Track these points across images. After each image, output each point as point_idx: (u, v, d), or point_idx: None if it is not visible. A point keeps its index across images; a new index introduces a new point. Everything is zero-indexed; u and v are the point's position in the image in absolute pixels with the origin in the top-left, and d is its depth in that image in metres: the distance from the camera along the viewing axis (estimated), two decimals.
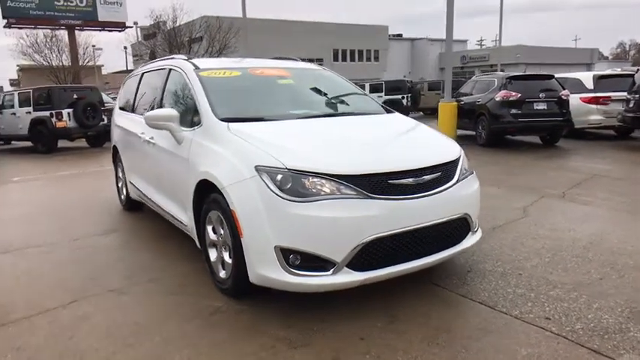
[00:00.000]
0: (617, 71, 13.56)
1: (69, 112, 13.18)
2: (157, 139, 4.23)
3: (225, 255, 3.24)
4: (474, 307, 3.09)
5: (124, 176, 5.72)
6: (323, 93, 4.53)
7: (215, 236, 3.35)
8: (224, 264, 3.28)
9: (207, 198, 3.29)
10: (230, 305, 3.18)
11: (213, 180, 3.15)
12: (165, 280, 3.68)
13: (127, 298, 3.41)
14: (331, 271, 2.78)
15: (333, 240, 2.75)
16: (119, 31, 37.79)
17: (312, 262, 2.78)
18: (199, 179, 3.34)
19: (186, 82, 4.01)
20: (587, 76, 11.89)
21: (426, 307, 3.08)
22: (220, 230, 3.24)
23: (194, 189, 3.44)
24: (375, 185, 2.85)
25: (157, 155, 4.28)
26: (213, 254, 3.42)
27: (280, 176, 2.81)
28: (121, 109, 5.86)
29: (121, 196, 6.01)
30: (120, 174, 5.95)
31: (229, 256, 3.17)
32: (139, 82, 5.37)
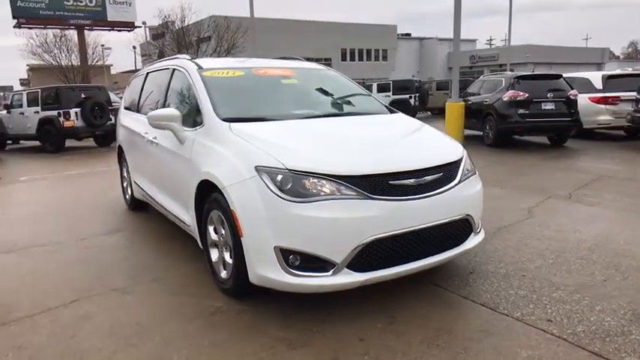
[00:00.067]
0: (627, 71, 13.42)
1: (76, 112, 13.24)
2: (160, 139, 4.24)
3: (227, 255, 3.24)
4: (475, 308, 3.07)
5: (128, 176, 5.75)
6: (326, 93, 4.52)
7: (216, 236, 3.36)
8: (225, 264, 3.29)
9: (209, 198, 3.30)
10: (231, 305, 3.18)
11: (214, 180, 3.16)
12: (169, 280, 3.69)
13: (130, 297, 3.43)
14: (331, 272, 2.77)
15: (332, 241, 2.74)
16: (128, 31, 38.07)
17: (311, 262, 2.78)
18: (201, 179, 3.34)
19: (189, 82, 4.02)
20: (596, 76, 11.78)
21: (427, 309, 3.07)
22: (221, 230, 3.25)
23: (196, 189, 3.45)
24: (376, 186, 2.84)
25: (161, 155, 4.29)
26: (214, 254, 3.43)
27: (280, 176, 2.81)
28: (126, 108, 5.88)
29: (126, 196, 6.04)
30: (125, 174, 5.99)
31: (230, 257, 3.17)
32: (143, 81, 5.39)
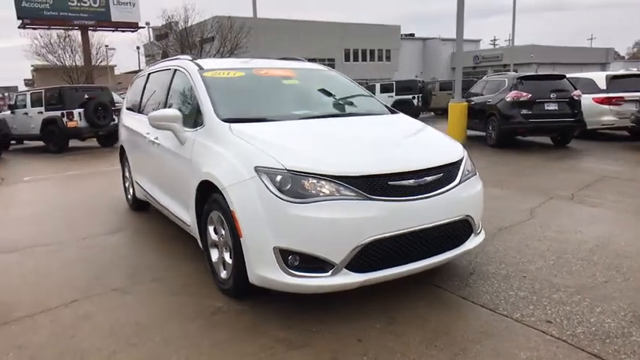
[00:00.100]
0: (632, 71, 13.37)
1: (80, 112, 13.31)
2: (161, 139, 4.25)
3: (226, 255, 3.25)
4: (474, 309, 3.06)
5: (130, 176, 5.77)
6: (328, 93, 4.51)
7: (216, 236, 3.36)
8: (225, 264, 3.29)
9: (209, 198, 3.30)
10: (231, 305, 3.19)
11: (214, 180, 3.16)
12: (169, 280, 3.70)
13: (130, 297, 3.44)
14: (330, 273, 2.77)
15: (331, 241, 2.74)
16: (132, 32, 38.04)
17: (311, 263, 2.78)
18: (201, 180, 3.35)
19: (190, 82, 4.02)
20: (599, 76, 11.73)
21: (426, 309, 3.06)
22: (221, 231, 3.25)
23: (196, 189, 3.46)
24: (375, 186, 2.84)
25: (162, 155, 4.30)
26: (214, 254, 3.44)
27: (280, 177, 2.81)
28: (128, 109, 5.90)
29: (128, 196, 6.06)
30: (127, 174, 6.00)
31: (230, 257, 3.18)
32: (145, 82, 5.41)
